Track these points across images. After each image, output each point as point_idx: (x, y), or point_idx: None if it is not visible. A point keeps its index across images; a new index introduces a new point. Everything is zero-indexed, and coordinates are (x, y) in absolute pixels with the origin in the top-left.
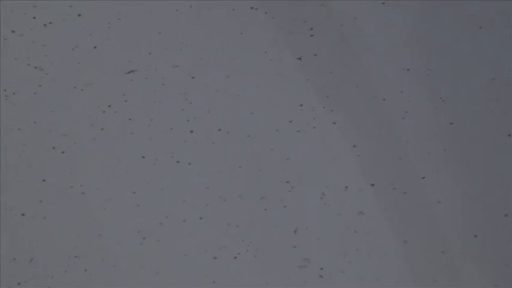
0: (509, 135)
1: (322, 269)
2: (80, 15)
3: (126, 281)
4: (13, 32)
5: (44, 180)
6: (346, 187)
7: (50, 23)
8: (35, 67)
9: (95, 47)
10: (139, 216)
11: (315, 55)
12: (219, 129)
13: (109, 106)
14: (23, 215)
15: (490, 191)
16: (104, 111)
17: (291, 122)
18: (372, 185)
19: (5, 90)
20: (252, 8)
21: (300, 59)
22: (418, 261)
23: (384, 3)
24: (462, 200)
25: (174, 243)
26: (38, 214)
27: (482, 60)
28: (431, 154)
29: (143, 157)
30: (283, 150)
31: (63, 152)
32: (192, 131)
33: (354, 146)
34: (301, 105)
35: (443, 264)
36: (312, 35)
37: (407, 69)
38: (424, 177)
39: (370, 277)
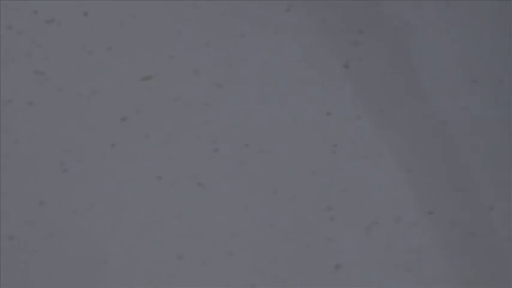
0: None
1: None
2: (86, 12)
3: None
4: (9, 28)
5: (41, 203)
6: (399, 217)
7: (53, 20)
8: (34, 71)
9: (108, 48)
10: (152, 250)
11: (363, 63)
12: (247, 145)
13: (121, 118)
14: (10, 238)
15: None
16: (114, 124)
17: (334, 144)
18: (430, 214)
19: None
20: (290, 5)
21: (346, 66)
22: None
23: (448, 3)
24: None
25: (194, 282)
26: (31, 242)
27: None
28: (500, 182)
29: (159, 178)
30: (325, 173)
31: (65, 171)
32: (216, 149)
33: (409, 170)
34: (347, 121)
35: None
36: (360, 41)
37: (474, 81)
38: (493, 209)
39: None
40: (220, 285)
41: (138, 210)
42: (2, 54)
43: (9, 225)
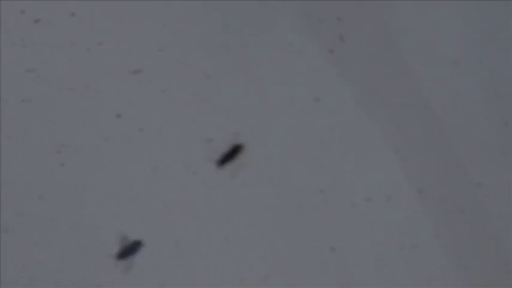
0: None
1: None
2: (73, 13)
3: None
4: None
5: (40, 197)
6: (389, 197)
7: (40, 19)
8: (25, 68)
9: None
10: (149, 238)
11: (346, 46)
12: (238, 133)
13: (115, 112)
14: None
15: None
16: (106, 118)
17: (324, 128)
18: (420, 192)
19: None
20: None
21: (331, 51)
22: (478, 281)
23: None
24: None
25: (193, 265)
26: (29, 235)
27: None
28: (486, 158)
29: (155, 169)
30: (316, 157)
31: (62, 165)
32: (210, 139)
33: (397, 151)
34: (333, 103)
35: (500, 280)
36: (341, 24)
37: (456, 62)
38: (479, 184)
39: None
40: (216, 269)
41: (135, 201)
42: None
43: (7, 218)
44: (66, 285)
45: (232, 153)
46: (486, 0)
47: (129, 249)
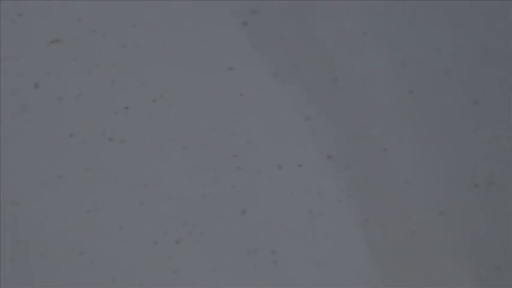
0: (476, 102)
1: (274, 252)
2: None
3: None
4: None
5: None
6: (299, 165)
7: None
8: None
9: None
10: (66, 202)
11: (259, 20)
12: (155, 101)
13: (32, 82)
14: None
15: (457, 163)
16: (24, 88)
17: (238, 96)
18: (329, 158)
19: None
20: None
21: (244, 23)
22: (380, 243)
23: None
24: (426, 173)
25: (106, 229)
26: None
27: (446, 23)
28: (391, 125)
29: (71, 135)
30: (230, 124)
31: None
32: (126, 107)
33: (307, 118)
34: (249, 74)
35: (408, 246)
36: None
37: (364, 33)
38: (385, 150)
39: (327, 261)
40: (133, 229)
41: (53, 166)
42: None
43: None
44: None
45: None
46: None
47: None
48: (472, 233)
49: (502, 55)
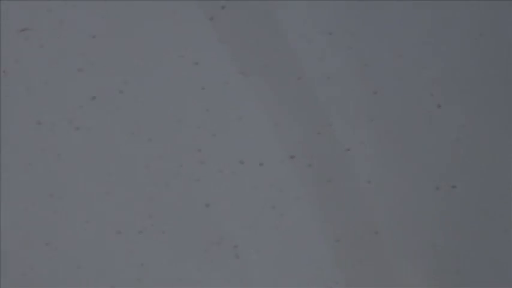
0: (439, 106)
1: (236, 246)
2: None
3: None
4: None
5: None
6: (262, 162)
7: None
8: None
9: None
10: (31, 189)
11: (227, 15)
12: (121, 92)
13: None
14: None
15: (419, 164)
16: None
17: (202, 89)
18: (292, 157)
19: None
20: None
21: (211, 19)
22: (342, 241)
23: None
24: (390, 174)
25: (72, 216)
26: None
27: (411, 23)
28: (355, 125)
29: (39, 123)
30: (194, 118)
31: None
32: (94, 96)
33: (271, 115)
34: (212, 68)
35: (370, 245)
36: None
37: (330, 33)
38: (348, 150)
39: (287, 256)
40: (97, 218)
41: (21, 154)
42: None
43: None
44: None
45: None
46: None
47: None
48: (433, 234)
49: (467, 58)
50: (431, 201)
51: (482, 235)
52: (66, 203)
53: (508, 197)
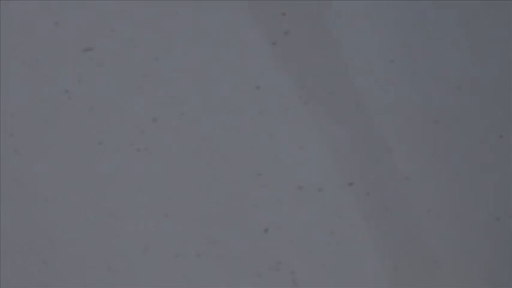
0: (501, 136)
1: (293, 272)
2: None
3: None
4: None
5: None
6: (320, 188)
7: None
8: None
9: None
10: (89, 210)
11: (288, 40)
12: (183, 114)
13: (63, 89)
14: None
15: (480, 195)
16: (56, 93)
17: (260, 113)
18: (350, 184)
19: None
20: None
21: (274, 43)
22: (401, 271)
23: None
24: (450, 204)
25: (131, 239)
26: None
27: (471, 55)
28: (415, 154)
29: (100, 144)
30: (254, 143)
31: (11, 135)
32: (154, 118)
33: (332, 142)
34: (273, 94)
35: (426, 272)
36: (285, 17)
37: (391, 60)
38: (407, 178)
39: (344, 284)
40: (154, 243)
41: (81, 174)
42: None
43: None
44: None
45: None
46: (421, 1)
47: None
48: (493, 265)
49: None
50: (491, 231)
51: None
52: (126, 225)
53: None
